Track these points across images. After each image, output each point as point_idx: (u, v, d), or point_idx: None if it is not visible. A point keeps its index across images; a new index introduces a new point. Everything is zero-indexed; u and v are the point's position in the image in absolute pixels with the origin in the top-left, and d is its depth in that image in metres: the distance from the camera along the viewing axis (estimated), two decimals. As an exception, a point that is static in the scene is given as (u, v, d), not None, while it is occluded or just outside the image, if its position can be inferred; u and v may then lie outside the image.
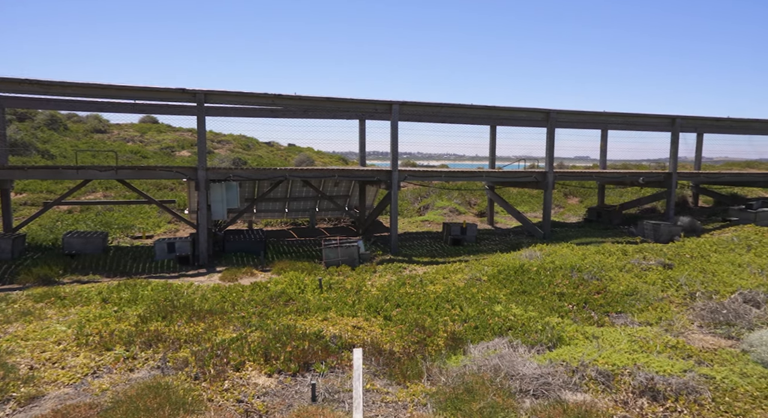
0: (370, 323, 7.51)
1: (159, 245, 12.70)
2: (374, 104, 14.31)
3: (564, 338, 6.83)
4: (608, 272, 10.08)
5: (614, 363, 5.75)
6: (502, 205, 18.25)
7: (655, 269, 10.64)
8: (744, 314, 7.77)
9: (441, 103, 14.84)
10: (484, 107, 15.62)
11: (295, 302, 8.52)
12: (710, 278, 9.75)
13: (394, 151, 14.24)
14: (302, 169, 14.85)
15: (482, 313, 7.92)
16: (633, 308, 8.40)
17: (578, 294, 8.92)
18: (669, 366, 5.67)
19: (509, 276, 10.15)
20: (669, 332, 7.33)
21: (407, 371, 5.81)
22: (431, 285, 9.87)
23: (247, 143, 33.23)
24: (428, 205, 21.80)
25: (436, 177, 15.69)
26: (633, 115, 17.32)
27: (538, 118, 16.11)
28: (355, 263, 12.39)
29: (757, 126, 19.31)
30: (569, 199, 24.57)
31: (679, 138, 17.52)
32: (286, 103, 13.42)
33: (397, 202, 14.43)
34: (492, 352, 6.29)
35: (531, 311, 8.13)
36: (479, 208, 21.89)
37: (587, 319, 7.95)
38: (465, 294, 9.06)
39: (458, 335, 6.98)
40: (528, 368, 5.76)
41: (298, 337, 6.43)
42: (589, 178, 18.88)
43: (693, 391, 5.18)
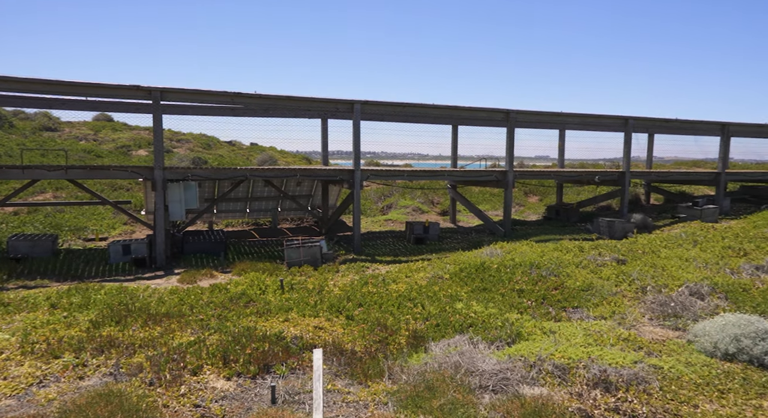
0: (332, 323, 7.47)
1: (113, 248, 12.27)
2: (336, 103, 14.24)
3: (523, 334, 6.98)
4: (565, 268, 10.35)
5: (570, 357, 5.91)
6: (464, 203, 18.50)
7: (610, 264, 11.00)
8: (690, 306, 8.14)
9: (403, 103, 14.91)
10: (445, 107, 15.78)
11: (256, 303, 8.39)
12: (660, 272, 10.16)
13: (356, 150, 14.22)
14: (263, 168, 14.63)
15: (444, 311, 8.00)
16: (589, 302, 8.66)
17: (537, 290, 9.14)
18: (621, 358, 5.87)
19: (471, 274, 10.30)
20: (622, 325, 7.59)
21: (369, 370, 5.81)
22: (394, 284, 9.91)
23: (207, 142, 32.50)
24: (391, 205, 21.88)
25: (398, 176, 15.76)
26: (589, 115, 17.87)
27: (498, 118, 16.41)
28: (317, 262, 12.31)
29: (702, 127, 20.26)
30: (529, 197, 25.14)
31: (631, 138, 18.20)
32: (246, 101, 13.19)
33: (359, 201, 14.41)
34: (453, 349, 6.36)
35: (491, 307, 8.27)
36: (442, 207, 22.12)
37: (545, 314, 8.15)
38: (427, 292, 9.14)
39: (420, 333, 7.03)
40: (488, 364, 5.85)
41: (259, 339, 6.33)
42: (547, 177, 19.36)
43: (642, 381, 5.38)
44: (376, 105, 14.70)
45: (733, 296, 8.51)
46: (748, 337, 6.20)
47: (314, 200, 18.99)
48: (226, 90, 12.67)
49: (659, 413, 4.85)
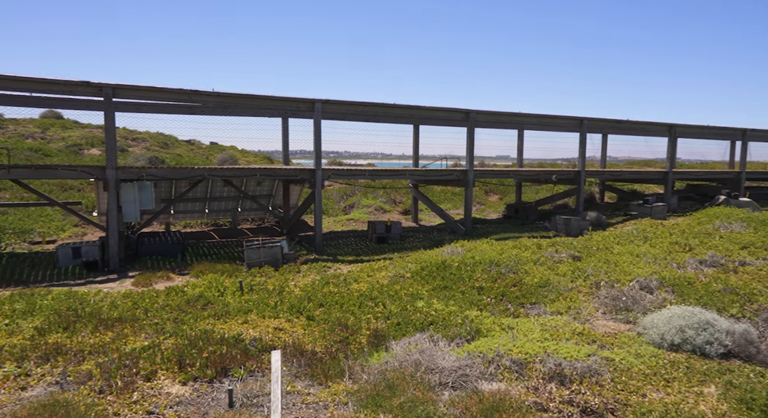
0: (292, 324, 7.39)
1: (62, 251, 11.75)
2: (297, 102, 14.10)
3: (482, 331, 7.08)
4: (524, 265, 10.59)
5: (527, 352, 6.04)
6: (425, 203, 18.66)
7: (566, 261, 11.33)
8: (640, 299, 8.47)
9: (364, 102, 14.90)
10: (406, 107, 15.87)
11: (214, 305, 8.20)
12: (613, 268, 10.52)
13: (317, 149, 14.12)
14: (222, 168, 14.34)
15: (405, 309, 8.04)
16: (546, 298, 8.88)
17: (496, 287, 9.30)
18: (575, 352, 6.05)
19: (432, 272, 10.39)
20: (577, 320, 7.82)
21: (329, 370, 5.77)
22: (355, 284, 9.89)
23: (165, 141, 31.56)
24: (354, 204, 21.84)
25: (360, 176, 15.74)
26: (545, 116, 18.34)
27: (458, 118, 16.62)
28: (278, 263, 12.15)
29: (652, 128, 21.13)
30: (490, 196, 25.60)
31: (586, 138, 18.78)
32: (204, 99, 12.87)
33: (321, 201, 14.31)
34: (413, 347, 6.40)
35: (452, 305, 8.36)
36: (404, 206, 22.24)
37: (504, 311, 8.31)
38: (388, 291, 9.16)
39: (381, 332, 7.03)
40: (447, 361, 5.91)
41: (216, 342, 6.19)
42: (507, 176, 19.76)
43: (595, 373, 5.56)
44: (337, 104, 14.63)
45: (679, 290, 8.91)
46: (691, 328, 6.50)
47: (275, 200, 18.74)
48: (182, 87, 12.33)
49: (610, 403, 5.02)
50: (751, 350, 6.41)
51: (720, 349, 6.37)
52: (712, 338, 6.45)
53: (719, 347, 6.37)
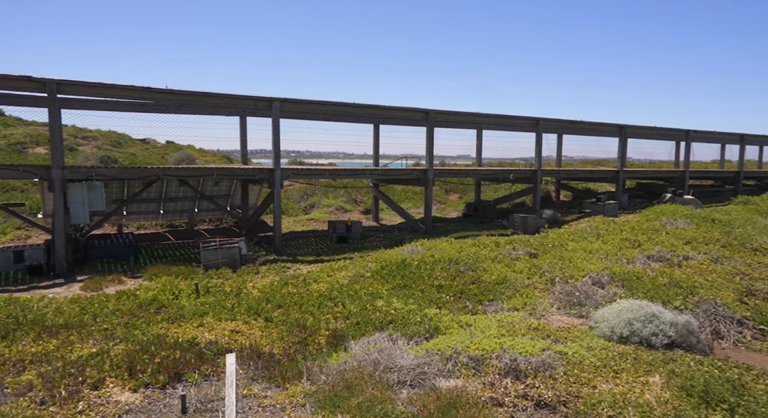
0: (249, 326, 7.25)
1: (3, 255, 11.14)
2: (254, 100, 13.86)
3: (440, 328, 7.16)
4: (482, 263, 10.76)
5: (484, 348, 6.14)
6: (386, 202, 18.71)
7: (523, 258, 11.58)
8: (592, 294, 8.75)
9: (323, 101, 14.80)
10: (366, 106, 15.86)
11: (168, 308, 7.96)
12: (567, 264, 10.83)
13: (276, 148, 13.92)
14: (177, 167, 13.94)
15: (364, 309, 8.03)
16: (503, 295, 9.06)
17: (455, 285, 9.42)
18: (530, 347, 6.18)
19: (392, 271, 10.42)
20: (533, 316, 8.00)
21: (287, 372, 5.70)
22: (315, 284, 9.81)
23: (118, 140, 30.39)
24: (314, 204, 21.68)
25: (320, 175, 15.64)
26: (503, 116, 18.71)
27: (418, 118, 16.74)
28: (236, 264, 11.92)
29: (604, 129, 21.90)
30: (450, 195, 25.91)
31: (542, 138, 19.28)
32: (157, 97, 12.47)
33: (280, 201, 14.13)
34: (372, 347, 6.40)
35: (411, 304, 8.41)
36: (365, 205, 22.24)
37: (463, 308, 8.42)
38: (348, 291, 9.13)
39: (340, 332, 7.00)
40: (406, 359, 5.94)
41: (170, 346, 6.01)
42: (466, 175, 20.05)
43: (549, 367, 5.70)
44: (296, 103, 14.48)
45: (628, 284, 9.25)
46: (638, 320, 6.77)
47: (233, 200, 18.37)
48: (133, 84, 11.90)
49: (563, 395, 5.17)
50: (692, 340, 6.74)
51: (665, 340, 6.66)
52: (657, 329, 6.74)
53: (664, 338, 6.66)
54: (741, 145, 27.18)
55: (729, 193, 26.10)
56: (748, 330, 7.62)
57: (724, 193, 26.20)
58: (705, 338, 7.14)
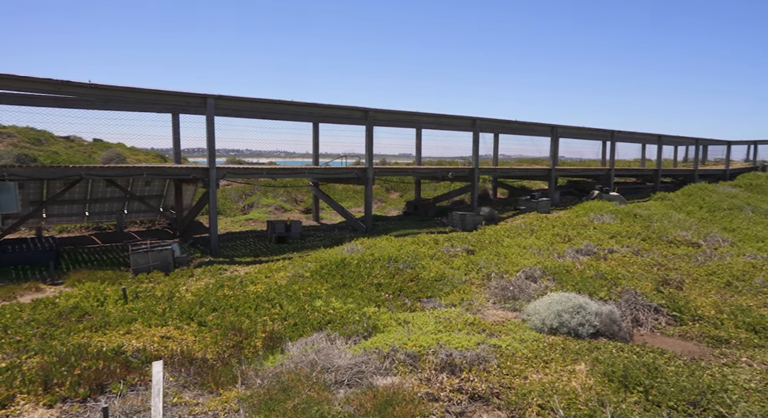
0: (181, 332, 6.97)
1: None
2: (186, 97, 13.33)
3: (379, 326, 7.18)
4: (421, 260, 10.91)
5: (421, 345, 6.21)
6: (326, 201, 18.57)
7: (461, 255, 11.85)
8: (525, 288, 9.09)
9: (260, 99, 14.47)
10: (305, 104, 15.66)
11: (92, 316, 7.50)
12: (503, 260, 11.19)
13: (211, 147, 13.46)
14: (103, 167, 13.16)
15: (303, 309, 7.92)
16: (441, 291, 9.22)
17: (394, 283, 9.49)
18: (466, 341, 6.32)
19: (331, 271, 10.35)
20: (469, 311, 8.20)
21: (220, 377, 5.52)
22: (252, 285, 9.57)
23: (37, 137, 28.26)
24: (253, 204, 21.18)
25: (258, 174, 15.28)
26: (442, 115, 19.05)
27: (357, 116, 16.73)
28: (169, 267, 11.42)
29: (537, 128, 22.81)
30: (391, 193, 26.10)
31: (479, 137, 19.80)
32: (79, 91, 11.71)
33: (216, 201, 13.68)
34: (310, 347, 6.33)
35: (350, 303, 8.38)
36: (305, 205, 21.98)
37: (401, 306, 8.50)
38: (287, 292, 8.98)
39: (277, 334, 6.87)
40: (344, 359, 5.91)
41: (92, 356, 5.66)
42: (406, 173, 20.26)
43: (483, 360, 5.86)
44: (232, 100, 14.06)
45: (558, 277, 9.67)
46: (567, 312, 7.09)
47: (167, 201, 17.60)
48: (50, 77, 11.10)
49: (496, 387, 5.32)
50: (614, 329, 7.15)
51: (590, 329, 7.01)
52: (584, 320, 7.09)
53: (590, 328, 7.01)
54: (659, 146, 29.17)
55: (649, 189, 27.93)
56: (663, 317, 8.17)
57: (645, 190, 28.02)
58: (626, 326, 7.59)
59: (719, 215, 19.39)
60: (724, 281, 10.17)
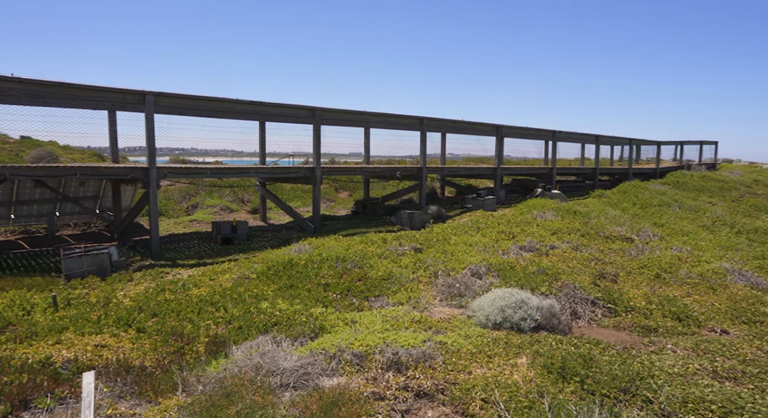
0: (118, 339, 6.65)
1: None
2: (123, 94, 12.74)
3: (326, 327, 7.13)
4: (369, 259, 10.93)
5: (368, 344, 6.22)
6: (274, 201, 18.27)
7: (409, 253, 11.96)
8: (471, 285, 9.29)
9: (204, 96, 14.04)
10: (250, 102, 15.34)
11: (17, 326, 7.03)
12: (450, 257, 11.38)
13: (150, 146, 12.93)
14: (30, 166, 12.37)
15: (248, 312, 7.76)
16: (389, 290, 9.27)
17: (342, 283, 9.45)
18: (413, 339, 6.39)
19: (278, 272, 10.20)
20: (416, 309, 8.28)
21: (160, 385, 5.31)
22: (195, 289, 9.28)
23: (-46, 134, 26.20)
24: (197, 204, 20.53)
25: (202, 174, 14.82)
26: (389, 115, 19.16)
27: (304, 115, 16.55)
28: (106, 272, 10.88)
29: (483, 128, 23.37)
30: (340, 193, 26.00)
31: (426, 137, 20.06)
32: (1, 86, 10.93)
33: (156, 201, 13.15)
34: (255, 350, 6.20)
35: (297, 304, 8.29)
36: (252, 205, 21.53)
37: (349, 306, 8.48)
38: (231, 294, 8.77)
39: (221, 338, 6.69)
40: (289, 361, 5.83)
41: (15, 370, 5.29)
42: (354, 172, 20.24)
43: (429, 357, 5.94)
44: (173, 98, 13.57)
45: (503, 274, 9.96)
46: (510, 307, 7.30)
47: (103, 202, 16.75)
48: (-30, 70, 10.31)
49: (441, 384, 5.40)
50: (554, 322, 7.43)
51: (532, 323, 7.25)
52: (526, 314, 7.32)
53: (531, 322, 7.25)
54: (596, 145, 30.57)
55: (588, 187, 29.24)
56: (599, 309, 8.58)
57: (585, 188, 29.31)
58: (565, 319, 7.91)
59: (650, 211, 20.56)
60: (654, 273, 10.79)
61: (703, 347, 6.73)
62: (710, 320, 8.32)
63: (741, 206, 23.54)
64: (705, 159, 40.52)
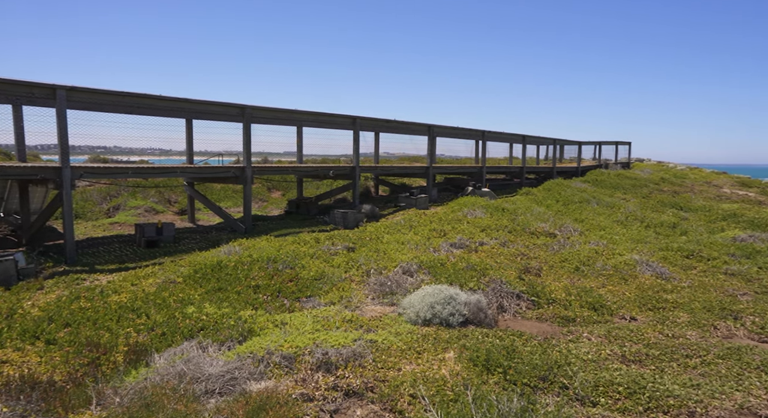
0: (23, 353, 6.17)
1: None
2: (31, 87, 11.80)
3: (255, 330, 6.98)
4: (301, 259, 10.80)
5: (297, 345, 6.15)
6: (202, 201, 17.62)
7: (341, 252, 11.93)
8: (402, 283, 9.42)
9: (123, 92, 13.30)
10: (175, 99, 14.70)
11: None
12: (382, 255, 11.48)
13: (63, 144, 12.07)
14: None
15: (173, 317, 7.44)
16: (320, 290, 9.21)
17: (273, 284, 9.29)
18: (343, 339, 6.39)
19: (206, 275, 9.86)
20: (348, 308, 8.29)
21: (71, 400, 4.98)
22: (115, 295, 8.77)
23: None
24: (119, 206, 19.40)
25: (122, 174, 14.03)
26: (322, 114, 19.03)
27: (233, 113, 16.08)
28: (11, 281, 10.04)
29: (415, 128, 23.76)
30: (273, 192, 25.51)
31: (359, 136, 20.10)
32: None
33: (71, 203, 12.29)
34: (179, 357, 5.96)
35: (225, 307, 8.05)
36: (180, 206, 20.67)
37: (280, 307, 8.35)
38: (155, 300, 8.37)
39: (142, 346, 6.37)
40: (215, 366, 5.65)
41: None
42: (286, 172, 19.94)
43: (359, 356, 5.96)
44: (89, 93, 12.74)
45: (433, 271, 10.17)
46: (439, 303, 7.49)
47: (9, 205, 15.43)
48: None
49: (370, 382, 5.45)
50: (481, 316, 7.70)
51: (460, 318, 7.47)
52: (454, 310, 7.53)
53: (459, 317, 7.48)
54: (523, 145, 31.96)
55: (516, 185, 30.50)
56: (524, 302, 8.98)
57: (513, 186, 30.54)
58: (492, 313, 8.21)
59: (572, 207, 21.78)
60: (574, 266, 11.45)
61: (614, 334, 7.23)
62: (621, 309, 8.95)
63: (650, 202, 25.47)
64: (620, 158, 43.45)
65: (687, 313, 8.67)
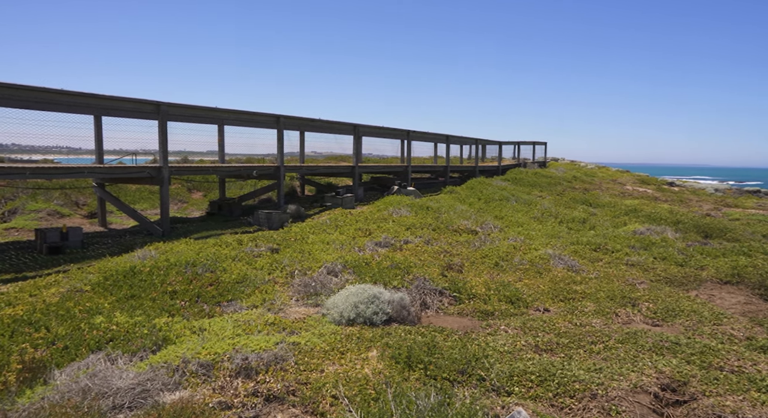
0: None
1: None
2: None
3: (171, 338, 6.66)
4: (222, 262, 10.43)
5: (216, 352, 5.93)
6: (114, 203, 16.54)
7: (265, 254, 11.66)
8: (327, 283, 9.37)
9: (17, 85, 12.17)
10: (81, 94, 13.68)
11: None
12: (307, 256, 11.34)
13: (-54, 141, 10.83)
14: None
15: (78, 329, 6.92)
16: (242, 293, 8.94)
17: (191, 289, 8.90)
18: (264, 342, 6.24)
19: (117, 281, 9.25)
20: (271, 311, 8.11)
21: (-46, 427, 4.49)
22: (9, 308, 8.00)
23: None
24: (16, 209, 17.75)
25: (18, 175, 12.83)
26: (244, 112, 18.47)
27: (148, 110, 15.22)
28: None
29: (340, 127, 23.70)
30: (193, 193, 24.45)
31: (284, 135, 19.74)
32: None
33: (-43, 207, 11.07)
34: (83, 372, 5.56)
35: (139, 315, 7.60)
36: (90, 208, 19.27)
37: (199, 313, 8.01)
38: (58, 311, 7.74)
39: (39, 362, 5.86)
40: (125, 379, 5.32)
41: None
42: (207, 172, 19.17)
43: (281, 359, 5.85)
44: (-23, 84, 11.53)
45: (358, 270, 10.20)
46: (363, 303, 7.52)
47: None
48: None
49: (292, 385, 5.36)
50: (404, 314, 7.83)
51: (384, 317, 7.55)
52: (378, 308, 7.59)
53: (383, 316, 7.55)
54: (447, 145, 32.86)
55: (441, 184, 31.30)
56: (446, 298, 9.24)
57: (437, 185, 31.32)
58: (415, 310, 8.37)
59: (493, 205, 22.71)
60: (493, 261, 11.93)
61: (529, 325, 7.61)
62: (536, 301, 9.45)
63: (563, 199, 27.12)
64: (537, 158, 45.89)
65: (593, 302, 9.32)
